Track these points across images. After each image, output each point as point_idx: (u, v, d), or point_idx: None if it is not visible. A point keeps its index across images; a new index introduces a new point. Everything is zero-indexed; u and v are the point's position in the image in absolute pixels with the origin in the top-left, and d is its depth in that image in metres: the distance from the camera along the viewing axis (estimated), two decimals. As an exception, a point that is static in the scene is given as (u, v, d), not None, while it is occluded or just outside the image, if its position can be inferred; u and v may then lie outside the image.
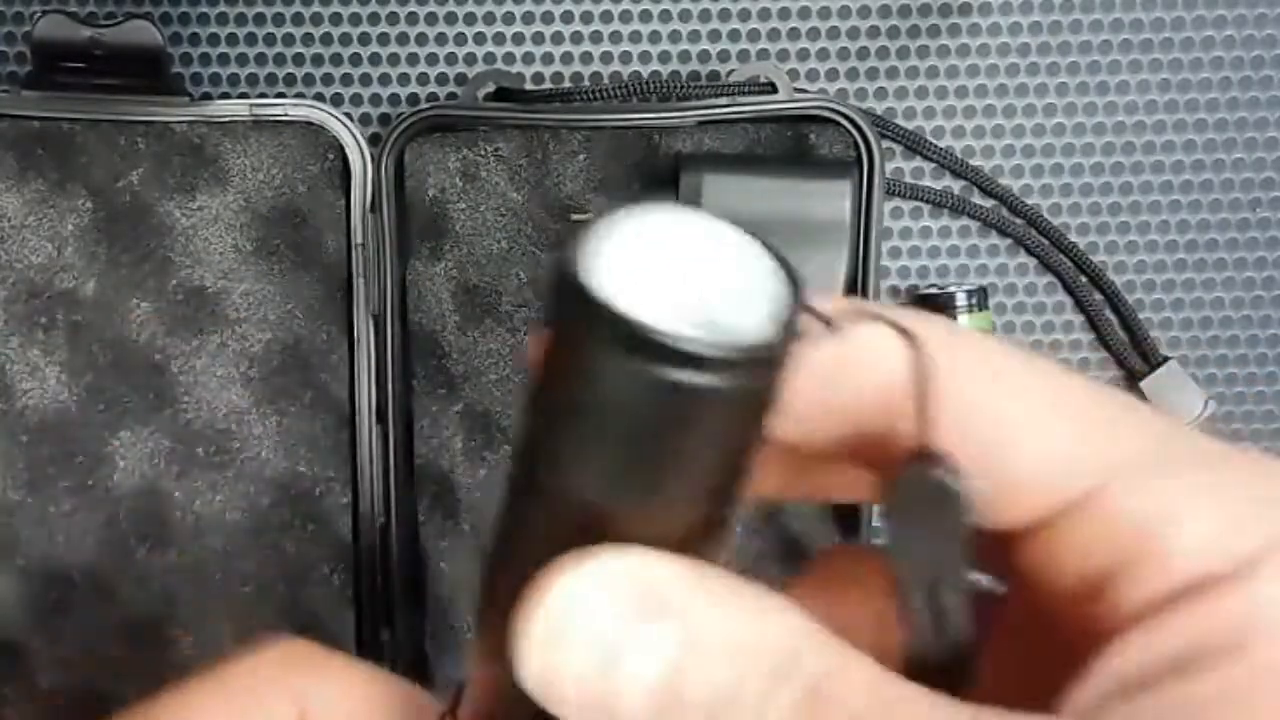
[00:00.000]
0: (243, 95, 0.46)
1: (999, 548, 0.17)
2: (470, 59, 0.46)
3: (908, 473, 0.15)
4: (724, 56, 0.46)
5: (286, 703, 0.21)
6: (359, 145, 0.43)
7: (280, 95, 0.46)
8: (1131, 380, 0.47)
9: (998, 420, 0.16)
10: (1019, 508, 0.16)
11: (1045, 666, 0.16)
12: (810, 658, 0.15)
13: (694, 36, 0.46)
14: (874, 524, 0.44)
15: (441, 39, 0.46)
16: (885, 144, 0.45)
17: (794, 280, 0.15)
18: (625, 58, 0.46)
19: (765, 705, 0.15)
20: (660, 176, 0.43)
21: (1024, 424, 0.16)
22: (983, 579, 0.17)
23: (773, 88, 0.42)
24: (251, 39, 0.46)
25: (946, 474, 0.15)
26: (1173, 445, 0.16)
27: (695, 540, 0.16)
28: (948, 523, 0.15)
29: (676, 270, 0.15)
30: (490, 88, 0.43)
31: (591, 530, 0.15)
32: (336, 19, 0.46)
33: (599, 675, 0.15)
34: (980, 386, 0.16)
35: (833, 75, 0.46)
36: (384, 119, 0.46)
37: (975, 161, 0.46)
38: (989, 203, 0.46)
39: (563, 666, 0.15)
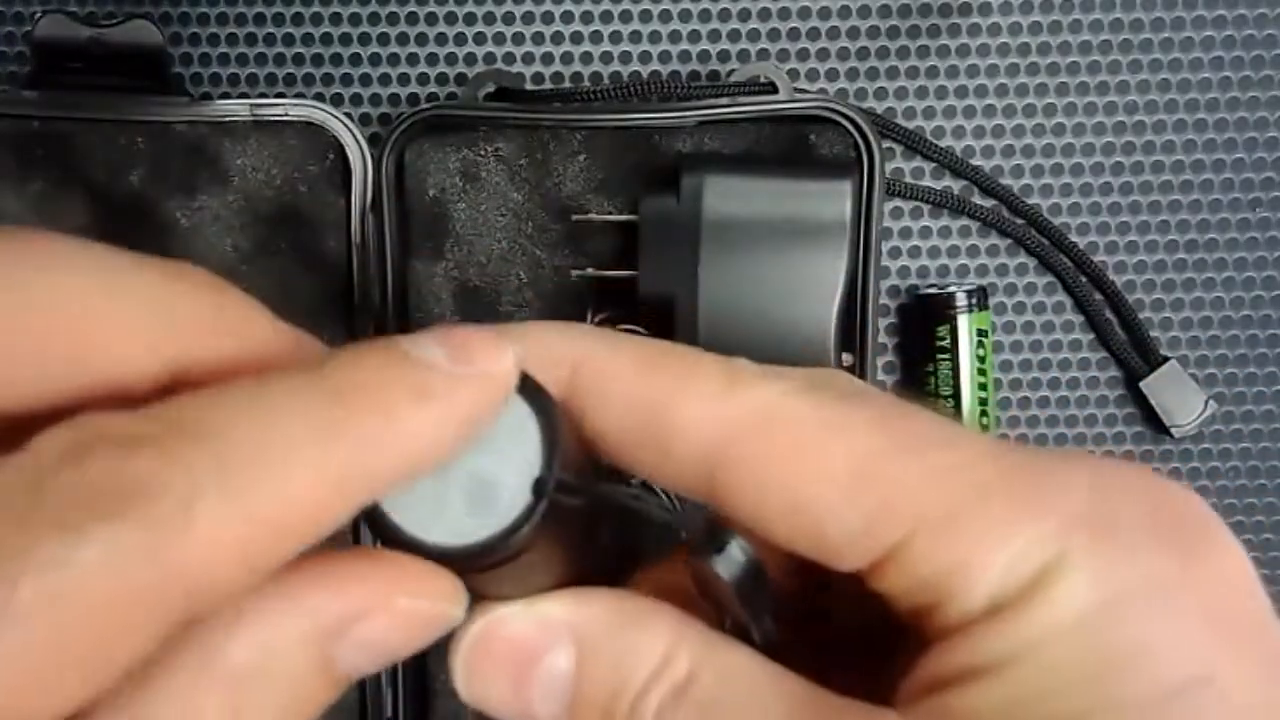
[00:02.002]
0: (243, 95, 0.46)
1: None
2: (470, 59, 0.46)
3: (698, 550, 0.18)
4: (724, 56, 0.46)
5: None
6: (359, 145, 0.43)
7: (280, 95, 0.46)
8: (1131, 380, 0.47)
9: (807, 501, 0.18)
10: (844, 562, 0.18)
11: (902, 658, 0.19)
12: (683, 652, 0.19)
13: (694, 36, 0.46)
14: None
15: (441, 39, 0.46)
16: (885, 144, 0.45)
17: (550, 430, 0.18)
18: (625, 58, 0.46)
19: (648, 697, 0.19)
20: (661, 177, 0.43)
21: (827, 501, 0.18)
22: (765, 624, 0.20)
23: (773, 88, 0.42)
24: (251, 39, 0.46)
25: (734, 547, 0.18)
26: (969, 487, 0.18)
27: (579, 579, 0.20)
28: (745, 584, 0.18)
29: (455, 471, 0.18)
30: (490, 88, 0.43)
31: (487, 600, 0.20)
32: (336, 19, 0.46)
33: (514, 694, 0.19)
34: (788, 470, 0.18)
35: (833, 75, 0.46)
36: (384, 119, 0.46)
37: (975, 161, 0.46)
38: (989, 203, 0.46)
39: (485, 693, 0.20)
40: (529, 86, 0.46)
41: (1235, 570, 0.18)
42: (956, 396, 0.45)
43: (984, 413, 0.45)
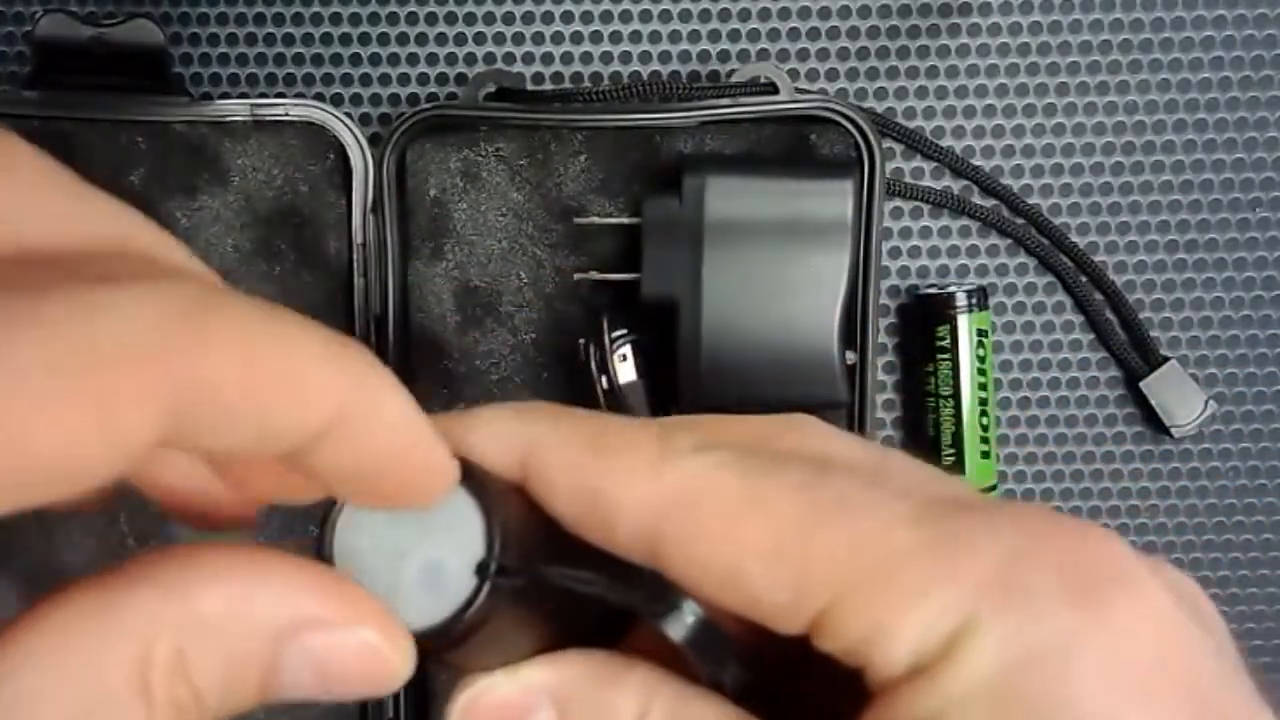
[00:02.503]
0: (243, 95, 0.46)
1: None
2: (470, 59, 0.46)
3: (650, 615, 0.20)
4: (724, 57, 0.46)
5: None
6: (360, 145, 0.43)
7: (280, 95, 0.46)
8: (1131, 380, 0.47)
9: (736, 575, 0.19)
10: (782, 628, 0.19)
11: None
12: (657, 707, 0.20)
13: (694, 36, 0.46)
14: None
15: (441, 39, 0.46)
16: (885, 144, 0.45)
17: (489, 517, 0.19)
18: (625, 58, 0.46)
19: None
20: (662, 177, 0.43)
21: (753, 575, 0.19)
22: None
23: (774, 88, 0.42)
24: (252, 39, 0.46)
25: (684, 610, 0.20)
26: (884, 554, 0.18)
27: (563, 640, 0.21)
28: (698, 643, 0.20)
29: (409, 557, 0.19)
30: (491, 88, 0.43)
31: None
32: (336, 19, 0.46)
33: None
34: (716, 546, 0.19)
35: (833, 75, 0.46)
36: (384, 119, 0.46)
37: (975, 161, 0.46)
38: (989, 203, 0.46)
39: None
40: (529, 86, 0.46)
41: (1145, 622, 0.18)
42: (956, 396, 0.45)
43: (984, 413, 0.45)
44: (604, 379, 0.40)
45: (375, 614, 0.18)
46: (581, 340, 0.41)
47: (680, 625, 0.20)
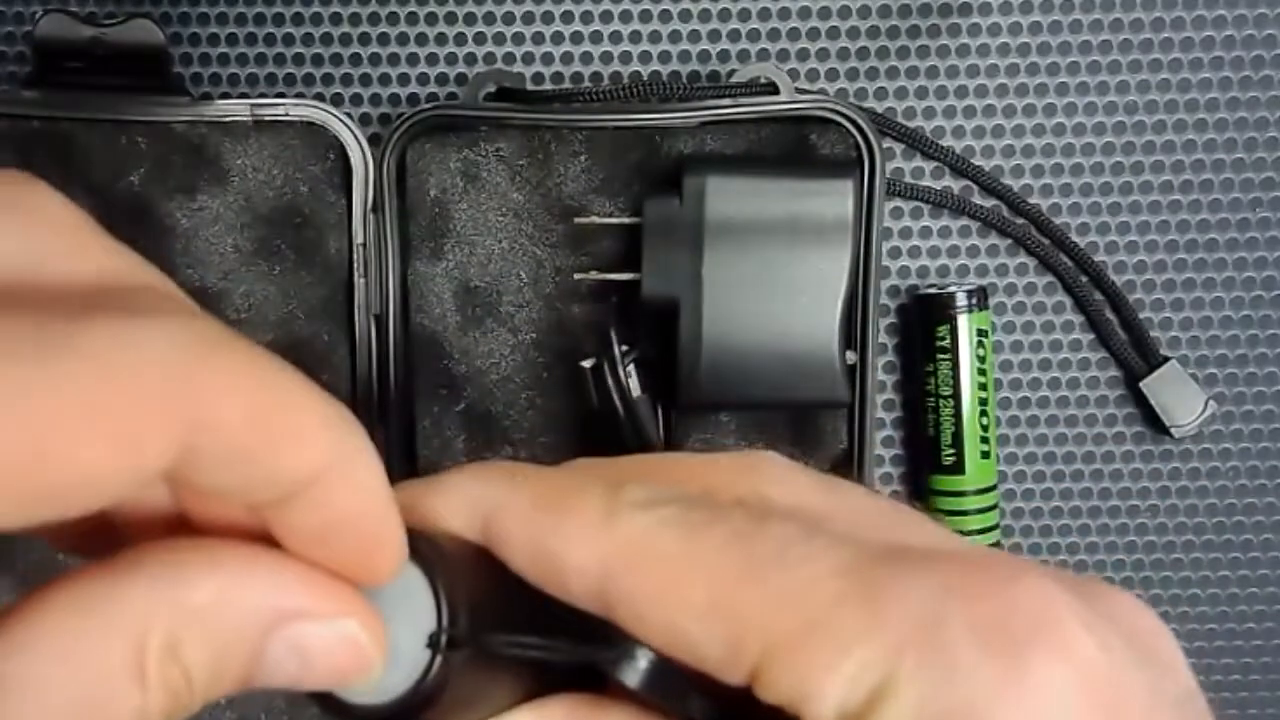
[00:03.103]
0: (243, 95, 0.46)
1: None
2: (470, 59, 0.46)
3: (604, 664, 0.20)
4: (724, 57, 0.46)
5: None
6: (360, 145, 0.43)
7: (281, 95, 0.46)
8: (1132, 380, 0.47)
9: (677, 631, 0.19)
10: (726, 679, 0.19)
11: None
12: None
13: (694, 37, 0.46)
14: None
15: (441, 39, 0.46)
16: (885, 144, 0.45)
17: (437, 589, 0.19)
18: (625, 58, 0.46)
19: None
20: (662, 177, 0.43)
21: (692, 632, 0.19)
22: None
23: (774, 88, 0.42)
24: (252, 39, 0.46)
25: (637, 656, 0.20)
26: (811, 609, 0.19)
27: (547, 686, 0.22)
28: (655, 687, 0.20)
29: None
30: (491, 88, 0.43)
31: None
32: (336, 19, 0.46)
33: None
34: (657, 604, 0.19)
35: (833, 75, 0.46)
36: (384, 119, 0.46)
37: (975, 161, 0.46)
38: (989, 203, 0.46)
39: None
40: (529, 86, 0.46)
41: (1065, 674, 0.18)
42: (956, 396, 0.45)
43: (984, 413, 0.45)
44: (621, 397, 0.40)
45: (356, 606, 0.19)
46: (586, 364, 0.41)
47: (634, 672, 0.20)
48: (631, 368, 0.40)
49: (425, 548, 0.20)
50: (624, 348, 0.40)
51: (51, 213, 0.18)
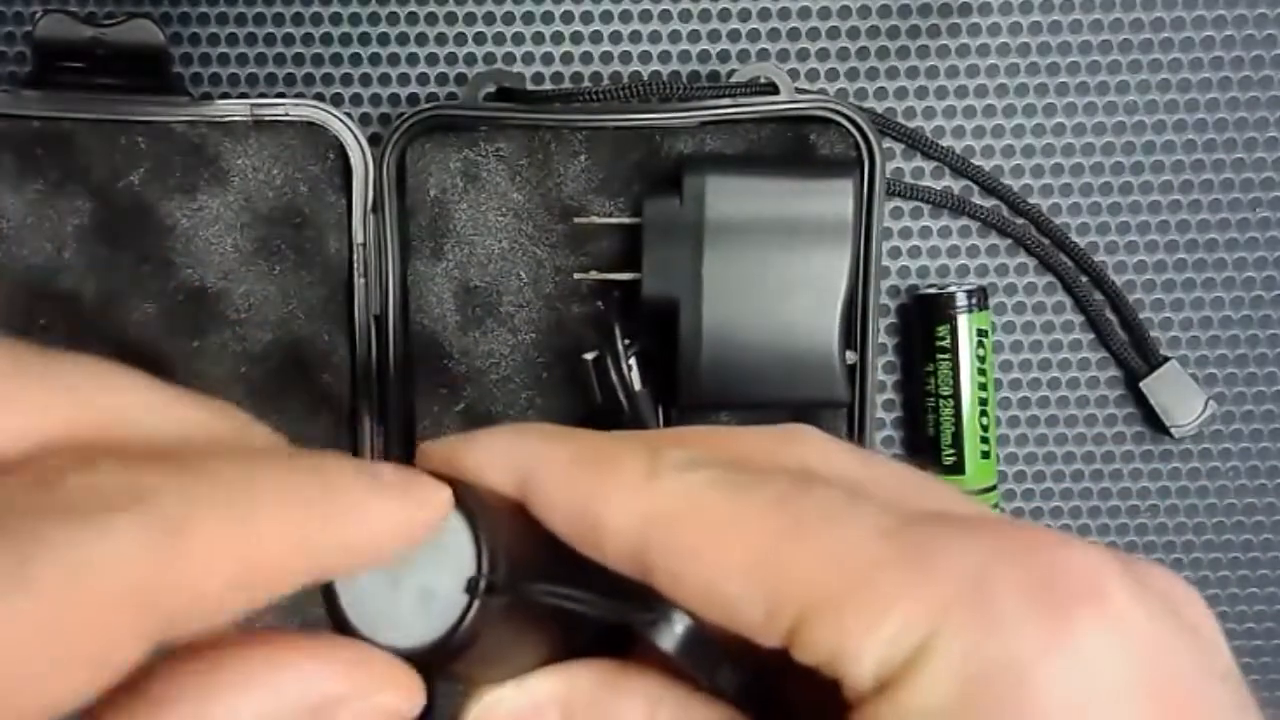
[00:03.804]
0: (243, 95, 0.46)
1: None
2: (470, 59, 0.46)
3: (640, 627, 0.20)
4: (724, 57, 0.46)
5: None
6: (360, 145, 0.43)
7: (280, 95, 0.46)
8: (1131, 380, 0.47)
9: (715, 591, 0.19)
10: (763, 641, 0.19)
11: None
12: (662, 714, 0.21)
13: (694, 37, 0.46)
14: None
15: (441, 39, 0.46)
16: (885, 144, 0.45)
17: (478, 538, 0.20)
18: (625, 58, 0.46)
19: None
20: (662, 177, 0.43)
21: (731, 592, 0.19)
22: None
23: (774, 88, 0.42)
24: (251, 39, 0.46)
25: (673, 620, 0.20)
26: (853, 569, 0.19)
27: (572, 649, 0.22)
28: (688, 651, 0.20)
29: (405, 579, 0.20)
30: (491, 88, 0.43)
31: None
32: (336, 19, 0.46)
33: None
34: (697, 563, 0.19)
35: (833, 75, 0.46)
36: (384, 119, 0.46)
37: (975, 161, 0.46)
38: (989, 203, 0.46)
39: None
40: (529, 86, 0.46)
41: (1112, 638, 0.17)
42: (956, 396, 0.45)
43: (984, 413, 0.45)
44: (624, 390, 0.40)
45: (392, 677, 0.19)
46: (589, 356, 0.41)
47: (670, 636, 0.20)
48: (632, 361, 0.40)
49: (467, 496, 0.20)
50: (626, 341, 0.40)
51: (78, 375, 0.18)
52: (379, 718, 0.19)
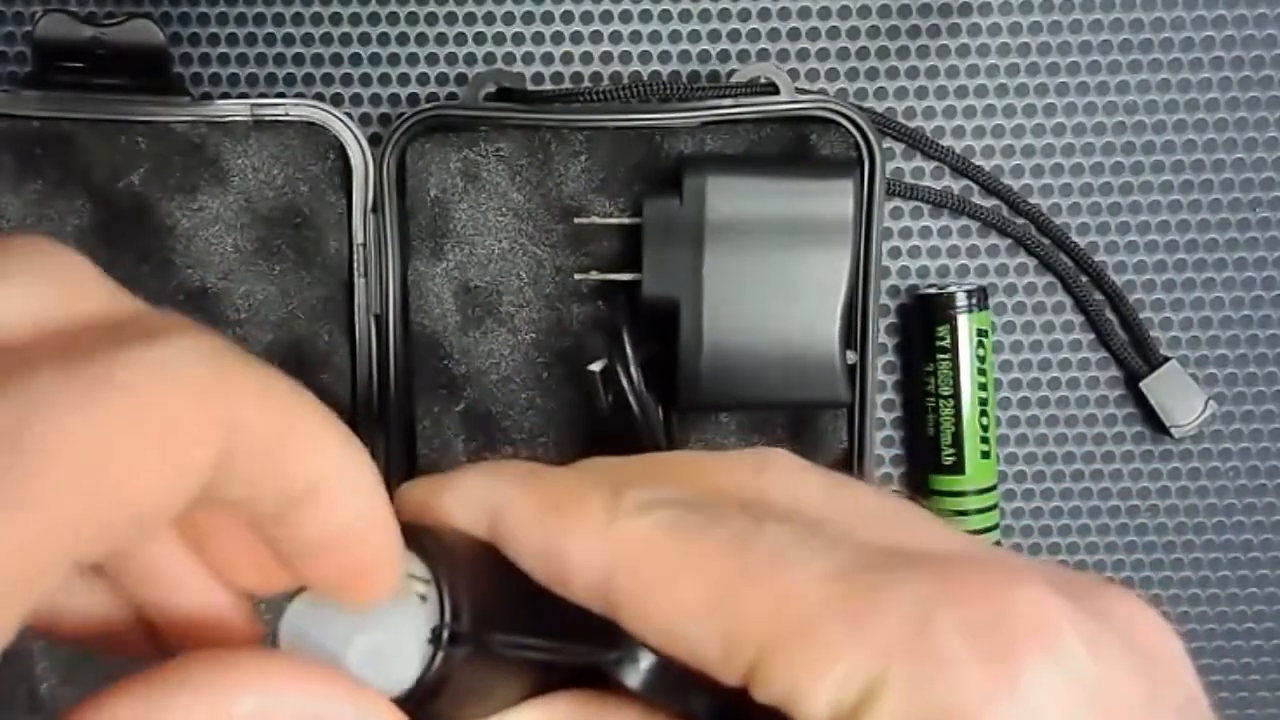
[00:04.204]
0: (243, 95, 0.46)
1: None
2: (470, 59, 0.46)
3: (604, 666, 0.21)
4: (725, 57, 0.46)
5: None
6: (360, 145, 0.43)
7: (281, 95, 0.46)
8: (1132, 380, 0.47)
9: (675, 631, 0.20)
10: (723, 679, 0.20)
11: None
12: None
13: (694, 37, 0.46)
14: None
15: (441, 39, 0.46)
16: (885, 144, 0.45)
17: (440, 586, 0.20)
18: (625, 58, 0.46)
19: None
20: (662, 177, 0.43)
21: (689, 632, 0.20)
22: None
23: (774, 88, 0.42)
24: (252, 39, 0.46)
25: (638, 656, 0.21)
26: (804, 612, 0.19)
27: (552, 683, 0.22)
28: (656, 687, 0.21)
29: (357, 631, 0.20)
30: (491, 88, 0.43)
31: None
32: (336, 19, 0.46)
33: None
34: (656, 604, 0.20)
35: (833, 75, 0.46)
36: (384, 119, 0.46)
37: (976, 161, 0.46)
38: (989, 203, 0.46)
39: None
40: (529, 86, 0.46)
41: (1057, 681, 0.17)
42: (956, 396, 0.45)
43: (984, 413, 0.45)
44: (635, 396, 0.40)
45: (386, 709, 0.19)
46: (596, 367, 0.41)
47: (635, 674, 0.21)
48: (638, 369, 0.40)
49: (431, 544, 0.20)
50: (633, 347, 0.40)
51: (52, 263, 0.18)
52: None
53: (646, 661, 0.21)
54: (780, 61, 0.46)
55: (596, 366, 0.40)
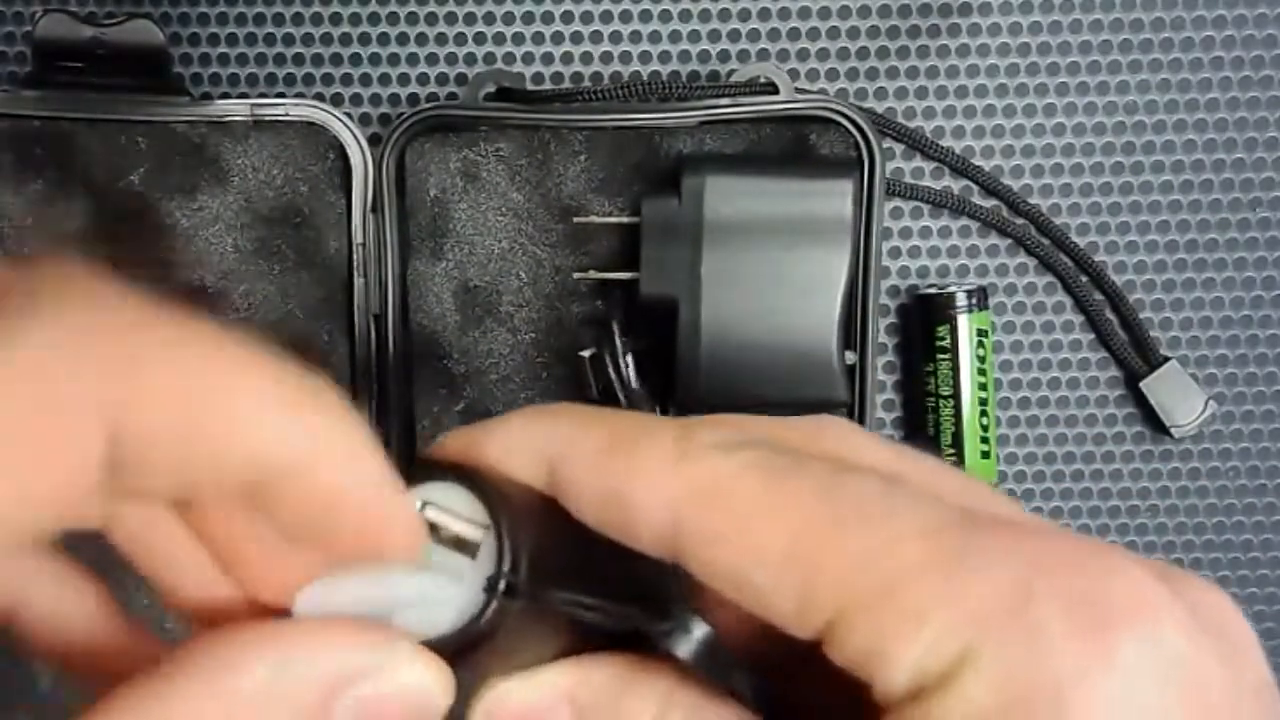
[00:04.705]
0: (243, 95, 0.46)
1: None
2: (470, 59, 0.46)
3: (654, 633, 0.20)
4: (724, 56, 0.46)
5: None
6: (360, 145, 0.43)
7: (280, 95, 0.46)
8: (1132, 380, 0.47)
9: (747, 578, 0.19)
10: (793, 633, 0.19)
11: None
12: (674, 714, 0.21)
13: (694, 36, 0.46)
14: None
15: (441, 39, 0.46)
16: (885, 144, 0.45)
17: (499, 536, 0.20)
18: (625, 58, 0.46)
19: None
20: (661, 177, 0.43)
21: (763, 580, 0.19)
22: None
23: (774, 88, 0.42)
24: (251, 39, 0.46)
25: (689, 625, 0.20)
26: (890, 570, 0.18)
27: (587, 644, 0.22)
28: (703, 657, 0.20)
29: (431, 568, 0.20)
30: (491, 88, 0.43)
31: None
32: (336, 19, 0.46)
33: None
34: (729, 548, 0.19)
35: (833, 75, 0.46)
36: (384, 119, 0.46)
37: (975, 161, 0.46)
38: (989, 203, 0.46)
39: None
40: (529, 86, 0.46)
41: (1153, 663, 0.17)
42: (956, 396, 0.45)
43: (984, 413, 0.45)
44: (622, 387, 0.40)
45: (411, 654, 0.19)
46: (586, 353, 0.41)
47: (686, 645, 0.20)
48: (629, 358, 0.40)
49: (489, 488, 0.20)
50: (623, 339, 0.40)
51: None
52: (400, 692, 0.19)
53: (698, 634, 0.20)
54: (780, 61, 0.46)
55: (587, 353, 0.40)
